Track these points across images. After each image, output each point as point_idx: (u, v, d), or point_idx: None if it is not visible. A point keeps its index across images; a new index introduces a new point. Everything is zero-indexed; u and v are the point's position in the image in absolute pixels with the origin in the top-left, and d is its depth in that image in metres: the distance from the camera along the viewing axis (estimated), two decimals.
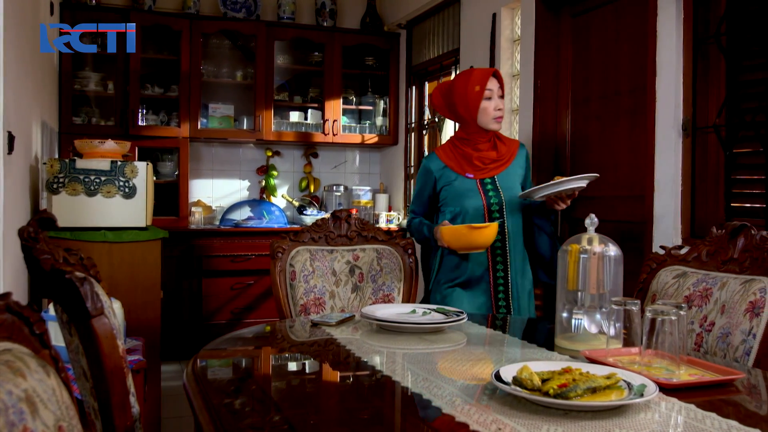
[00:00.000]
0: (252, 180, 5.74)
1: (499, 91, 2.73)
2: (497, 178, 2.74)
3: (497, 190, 2.71)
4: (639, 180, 3.14)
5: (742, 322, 1.82)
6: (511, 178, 2.76)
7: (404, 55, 5.60)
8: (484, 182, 2.72)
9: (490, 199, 2.69)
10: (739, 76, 2.75)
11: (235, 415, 1.31)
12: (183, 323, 4.90)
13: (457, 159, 2.77)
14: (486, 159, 2.75)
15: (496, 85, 2.72)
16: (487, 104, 2.71)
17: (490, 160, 2.75)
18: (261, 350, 1.99)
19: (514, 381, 1.33)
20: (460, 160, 2.76)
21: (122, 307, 2.71)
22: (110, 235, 3.18)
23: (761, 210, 2.64)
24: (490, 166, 2.74)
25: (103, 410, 1.28)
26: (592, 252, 1.78)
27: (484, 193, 2.70)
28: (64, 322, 1.37)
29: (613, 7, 3.41)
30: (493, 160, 2.75)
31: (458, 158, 2.77)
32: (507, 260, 2.71)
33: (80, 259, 1.50)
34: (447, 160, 2.79)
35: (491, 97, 2.70)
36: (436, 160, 2.81)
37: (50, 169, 3.16)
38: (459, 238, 2.51)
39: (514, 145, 2.85)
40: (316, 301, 2.54)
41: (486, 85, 2.71)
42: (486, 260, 2.70)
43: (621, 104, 3.35)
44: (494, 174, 2.74)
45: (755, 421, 1.26)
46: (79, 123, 4.94)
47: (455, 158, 2.77)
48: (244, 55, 5.51)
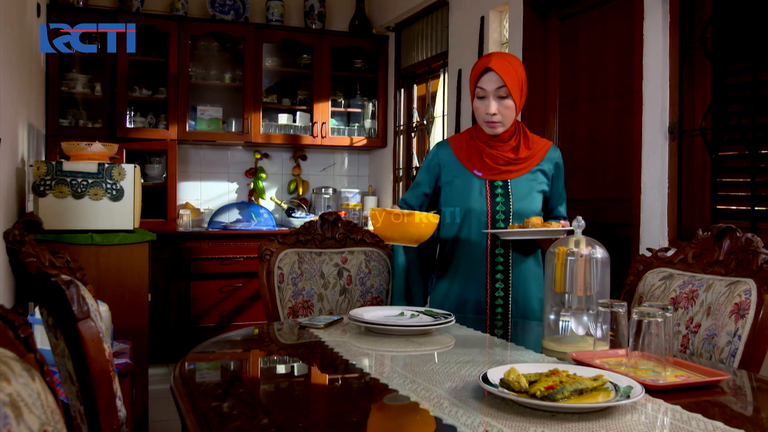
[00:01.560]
0: (240, 182, 5.73)
1: (499, 91, 2.27)
2: (510, 182, 2.35)
3: (507, 196, 2.34)
4: (626, 183, 3.16)
5: (728, 324, 1.84)
6: (527, 185, 2.36)
7: (393, 57, 5.61)
8: (494, 185, 2.35)
9: (496, 205, 2.33)
10: (725, 79, 2.77)
11: (222, 418, 1.31)
12: (171, 326, 4.88)
13: (468, 152, 2.39)
14: (500, 159, 2.34)
15: (492, 85, 2.27)
16: (478, 104, 2.33)
17: (505, 160, 2.35)
18: (249, 353, 1.99)
19: (501, 383, 1.34)
20: (471, 154, 2.39)
21: (109, 310, 2.70)
22: (97, 238, 3.17)
23: (746, 212, 2.66)
24: (503, 168, 2.35)
25: (89, 414, 1.27)
26: (579, 254, 1.79)
27: (491, 196, 2.34)
28: (50, 326, 1.36)
29: (600, 11, 3.43)
30: (508, 161, 2.35)
31: (470, 152, 2.39)
32: (508, 280, 2.35)
33: (66, 262, 1.49)
34: (458, 150, 2.42)
35: (484, 96, 2.30)
36: (447, 149, 2.45)
37: (37, 172, 3.14)
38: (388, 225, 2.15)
39: (543, 148, 2.42)
40: (304, 303, 2.54)
41: (477, 82, 2.31)
42: (485, 281, 2.36)
43: (608, 107, 3.36)
44: (507, 177, 2.35)
45: (740, 422, 1.27)
46: (66, 125, 4.91)
47: (467, 151, 2.40)
48: (233, 57, 5.50)
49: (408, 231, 2.14)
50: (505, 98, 2.27)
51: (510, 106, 2.28)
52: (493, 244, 2.35)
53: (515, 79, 2.28)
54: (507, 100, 2.27)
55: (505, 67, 2.27)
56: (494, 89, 2.27)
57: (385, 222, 2.14)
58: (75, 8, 4.92)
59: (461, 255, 2.39)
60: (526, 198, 2.35)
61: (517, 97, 2.29)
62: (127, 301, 3.24)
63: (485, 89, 2.28)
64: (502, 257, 2.35)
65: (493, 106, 2.28)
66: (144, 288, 3.31)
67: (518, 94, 2.29)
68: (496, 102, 2.28)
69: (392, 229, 2.14)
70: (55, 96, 4.82)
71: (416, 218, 2.13)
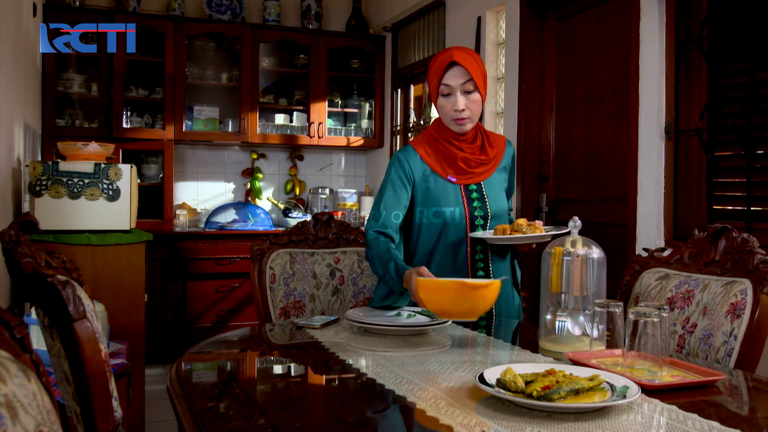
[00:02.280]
0: (237, 182, 5.72)
1: (465, 86, 2.16)
2: (483, 184, 2.28)
3: (483, 199, 2.27)
4: (622, 183, 3.17)
5: (724, 324, 1.84)
6: (497, 185, 2.32)
7: (390, 57, 5.61)
8: (469, 189, 2.27)
9: (474, 210, 2.25)
10: (721, 80, 2.78)
11: (219, 419, 1.30)
12: (168, 326, 4.88)
13: (437, 158, 2.28)
14: (472, 161, 2.26)
15: (458, 80, 2.16)
16: (444, 102, 2.21)
17: (476, 162, 2.27)
18: (245, 353, 1.98)
19: (498, 383, 1.34)
20: (440, 160, 2.28)
21: (106, 310, 2.70)
22: (94, 238, 3.16)
23: (742, 212, 2.67)
24: (477, 170, 2.27)
25: (86, 414, 1.27)
26: (575, 254, 1.79)
27: (468, 201, 2.26)
28: (45, 326, 1.36)
29: (596, 12, 3.44)
30: (479, 162, 2.28)
31: (439, 157, 2.28)
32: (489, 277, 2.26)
33: (62, 262, 1.49)
34: (426, 156, 2.29)
35: (449, 93, 2.18)
36: (415, 157, 2.29)
37: (33, 172, 3.14)
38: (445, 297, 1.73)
39: (501, 144, 2.36)
40: (296, 304, 2.53)
41: (441, 78, 2.18)
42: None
43: (604, 107, 3.37)
44: (480, 179, 2.28)
45: (736, 421, 1.27)
46: (62, 125, 4.90)
47: (435, 156, 2.28)
48: (230, 57, 5.49)
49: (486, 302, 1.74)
50: (471, 92, 2.17)
51: (477, 100, 2.19)
52: (473, 249, 2.27)
53: (479, 72, 2.19)
54: (474, 94, 2.18)
55: (469, 60, 2.16)
56: (460, 84, 2.16)
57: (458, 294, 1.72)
58: (71, 8, 4.91)
59: (442, 264, 2.26)
60: (498, 197, 2.30)
61: (482, 91, 2.21)
62: (124, 301, 3.23)
63: (451, 85, 2.17)
64: (482, 263, 2.28)
65: (461, 102, 2.17)
66: (140, 288, 3.30)
67: (483, 87, 2.21)
68: (463, 97, 2.17)
69: (462, 303, 1.72)
70: (51, 96, 4.81)
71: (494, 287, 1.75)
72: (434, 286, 1.78)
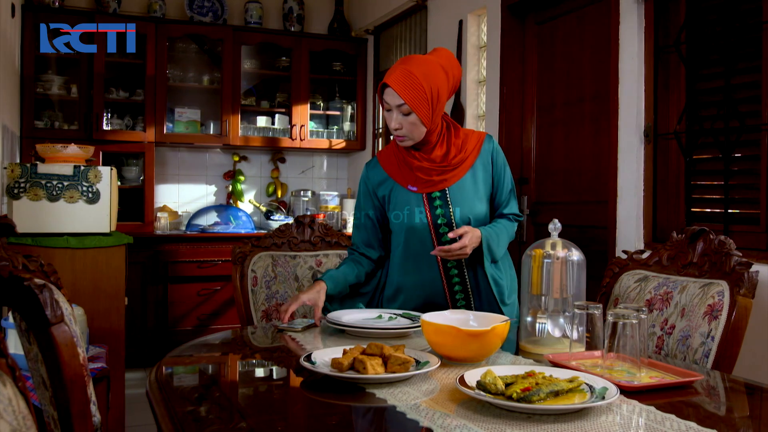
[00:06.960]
0: (219, 185, 5.70)
1: (400, 108, 2.09)
2: (449, 190, 2.20)
3: (447, 205, 2.19)
4: (602, 185, 3.19)
5: (701, 325, 1.86)
6: (468, 188, 2.21)
7: (372, 60, 5.61)
8: (432, 196, 2.20)
9: (437, 218, 2.19)
10: (698, 83, 2.81)
11: (198, 423, 1.30)
12: (148, 330, 4.84)
13: (399, 167, 2.25)
14: (432, 171, 2.19)
15: (392, 101, 2.09)
16: (387, 116, 2.16)
17: (437, 171, 2.19)
18: (227, 357, 1.97)
19: (478, 385, 1.34)
20: (402, 169, 2.24)
21: (85, 314, 2.67)
22: (73, 241, 3.13)
23: (720, 215, 2.70)
24: (437, 179, 2.19)
25: (63, 419, 1.26)
26: (555, 257, 1.80)
27: (430, 208, 2.20)
28: (23, 330, 1.34)
29: (576, 16, 3.46)
30: (441, 170, 2.19)
31: (401, 166, 2.24)
32: (467, 290, 2.23)
33: (40, 265, 1.47)
34: (388, 166, 2.28)
35: (390, 109, 2.13)
36: (376, 169, 2.30)
37: (11, 174, 3.10)
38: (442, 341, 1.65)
39: (476, 143, 2.25)
40: (278, 307, 2.52)
41: (382, 93, 2.15)
42: (442, 290, 2.24)
43: (585, 111, 3.40)
44: (445, 186, 2.20)
45: (713, 422, 1.29)
46: (41, 127, 4.85)
47: (397, 166, 2.25)
48: (211, 59, 5.47)
49: (493, 345, 1.65)
50: (407, 115, 2.10)
51: (414, 121, 2.10)
52: (443, 258, 2.19)
53: (419, 93, 2.07)
54: (410, 116, 2.10)
55: (405, 83, 2.06)
56: (396, 105, 2.10)
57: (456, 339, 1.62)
58: (50, 9, 4.86)
59: (421, 271, 2.24)
60: (469, 202, 2.20)
61: (423, 111, 2.09)
62: (104, 304, 3.20)
63: (390, 103, 2.11)
64: (456, 269, 2.22)
65: (395, 121, 2.12)
66: (120, 291, 3.28)
67: (424, 107, 2.09)
68: (399, 116, 2.11)
69: (467, 347, 1.63)
70: (30, 97, 4.76)
71: (501, 329, 1.64)
72: (436, 329, 1.67)
